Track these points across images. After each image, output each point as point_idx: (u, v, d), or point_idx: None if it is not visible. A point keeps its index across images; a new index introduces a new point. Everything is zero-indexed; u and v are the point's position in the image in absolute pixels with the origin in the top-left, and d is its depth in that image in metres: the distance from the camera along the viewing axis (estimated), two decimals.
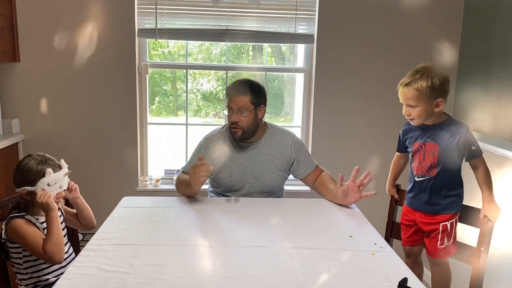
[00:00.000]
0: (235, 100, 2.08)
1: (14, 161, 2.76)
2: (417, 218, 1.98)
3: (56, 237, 1.53)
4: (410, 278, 1.30)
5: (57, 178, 1.61)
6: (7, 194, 2.59)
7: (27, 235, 1.53)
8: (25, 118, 2.83)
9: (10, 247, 1.60)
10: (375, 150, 3.01)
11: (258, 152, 2.18)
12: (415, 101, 1.81)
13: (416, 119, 1.86)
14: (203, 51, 3.45)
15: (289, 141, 2.22)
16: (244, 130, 2.10)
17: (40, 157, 1.62)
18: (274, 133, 2.23)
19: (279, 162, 2.20)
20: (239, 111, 2.08)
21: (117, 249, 1.53)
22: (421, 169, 1.92)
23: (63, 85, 2.82)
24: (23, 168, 1.59)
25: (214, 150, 2.18)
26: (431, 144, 1.88)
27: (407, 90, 1.82)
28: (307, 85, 3.03)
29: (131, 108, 2.88)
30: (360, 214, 2.01)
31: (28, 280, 1.62)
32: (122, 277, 1.33)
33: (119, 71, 2.83)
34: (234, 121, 2.08)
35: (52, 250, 1.51)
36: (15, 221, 1.55)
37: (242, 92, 2.08)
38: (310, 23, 2.91)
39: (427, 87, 1.77)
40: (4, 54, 2.62)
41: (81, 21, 2.76)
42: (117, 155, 2.92)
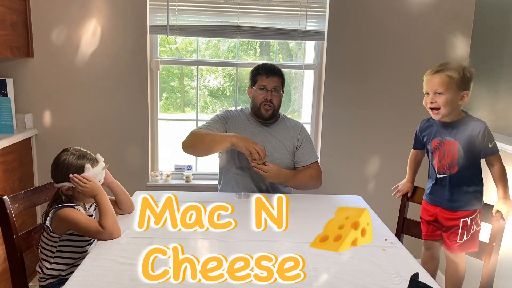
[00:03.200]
0: (272, 79, 2.24)
1: (27, 155, 2.80)
2: (438, 213, 1.98)
3: (111, 214, 1.59)
4: (422, 274, 1.31)
5: (96, 173, 1.65)
6: (20, 187, 2.64)
7: (80, 220, 1.56)
8: (38, 113, 2.87)
9: (49, 235, 1.63)
10: (386, 147, 3.01)
11: (271, 133, 2.30)
12: (444, 88, 1.81)
13: (441, 109, 1.84)
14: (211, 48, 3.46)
15: (299, 126, 2.38)
16: (275, 108, 2.27)
17: (78, 152, 1.65)
18: (287, 119, 2.40)
19: (288, 144, 2.31)
20: (275, 90, 2.24)
21: (132, 241, 1.56)
22: (442, 166, 1.93)
23: (76, 81, 2.84)
24: (63, 164, 1.62)
25: (232, 124, 2.30)
26: (450, 141, 1.88)
27: (437, 76, 1.83)
28: (317, 82, 3.04)
29: (142, 104, 2.90)
30: (370, 210, 2.02)
31: (49, 271, 1.65)
32: (137, 269, 1.35)
33: (131, 67, 2.85)
34: (269, 99, 2.22)
35: (111, 226, 1.56)
36: (65, 210, 1.58)
37: (277, 73, 2.26)
38: (320, 20, 2.91)
39: (458, 76, 1.80)
40: (18, 50, 2.65)
41: (93, 18, 2.78)
42: (129, 150, 2.94)
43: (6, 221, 1.64)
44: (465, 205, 1.90)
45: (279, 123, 2.35)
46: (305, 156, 2.31)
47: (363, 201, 2.14)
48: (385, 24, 2.89)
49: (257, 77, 2.26)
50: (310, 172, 2.29)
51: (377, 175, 3.05)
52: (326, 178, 3.03)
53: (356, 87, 2.95)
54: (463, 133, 1.85)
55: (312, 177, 2.28)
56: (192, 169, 3.08)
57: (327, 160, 3.02)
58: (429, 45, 2.90)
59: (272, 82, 2.24)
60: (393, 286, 1.32)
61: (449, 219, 1.94)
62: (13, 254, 1.67)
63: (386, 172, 3.03)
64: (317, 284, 1.31)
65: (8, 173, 2.54)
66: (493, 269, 1.81)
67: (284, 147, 2.29)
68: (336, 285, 1.32)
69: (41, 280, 1.68)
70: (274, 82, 2.24)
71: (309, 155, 2.32)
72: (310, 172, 2.29)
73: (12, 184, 2.58)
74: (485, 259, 1.84)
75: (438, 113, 1.86)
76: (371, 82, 2.95)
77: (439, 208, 1.97)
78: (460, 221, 1.90)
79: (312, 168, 2.31)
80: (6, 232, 1.65)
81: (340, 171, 3.04)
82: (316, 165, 2.33)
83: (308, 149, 2.33)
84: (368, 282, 1.34)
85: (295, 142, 2.31)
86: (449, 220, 1.94)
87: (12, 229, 1.64)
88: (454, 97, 1.81)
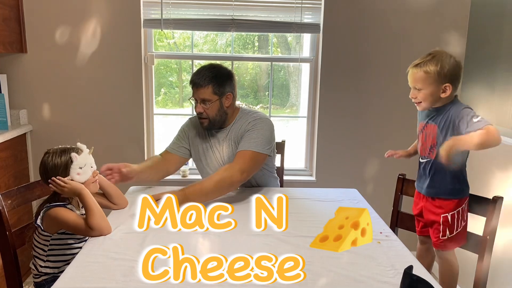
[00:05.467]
0: (197, 91, 2.03)
1: (22, 151, 2.78)
2: (423, 204, 1.97)
3: (96, 210, 1.57)
4: (416, 266, 1.30)
5: (84, 158, 1.64)
6: (15, 184, 2.62)
7: (69, 218, 1.56)
8: (33, 109, 2.85)
9: (40, 234, 1.63)
10: (382, 140, 3.00)
11: (227, 137, 2.14)
12: (421, 84, 1.80)
13: (422, 103, 1.83)
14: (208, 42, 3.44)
15: (251, 118, 2.11)
16: (210, 120, 2.06)
17: (58, 149, 1.64)
18: (245, 116, 2.14)
19: (232, 145, 2.12)
20: (203, 103, 2.03)
21: (125, 237, 1.55)
22: (424, 150, 1.92)
23: (70, 76, 2.83)
24: (50, 165, 1.60)
25: (192, 135, 2.20)
26: (431, 125, 1.87)
27: (415, 71, 1.81)
28: (313, 75, 3.02)
29: (137, 98, 2.89)
30: (365, 202, 2.02)
31: (44, 268, 1.64)
32: (130, 264, 1.35)
33: (126, 61, 2.84)
34: (199, 112, 2.05)
35: (98, 223, 1.55)
36: (56, 209, 1.58)
37: (203, 84, 2.00)
38: (316, 12, 2.89)
39: (435, 71, 1.76)
40: (11, 45, 2.63)
41: (87, 12, 2.76)
42: (124, 145, 2.93)
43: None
44: (442, 192, 1.87)
45: (234, 123, 2.14)
46: (241, 143, 2.04)
47: (359, 194, 2.14)
48: (381, 16, 2.87)
49: (191, 86, 2.07)
50: (218, 174, 1.91)
51: (373, 168, 3.04)
52: (322, 171, 3.04)
53: (352, 79, 2.94)
54: (443, 117, 1.81)
55: (224, 173, 1.91)
56: (189, 164, 3.07)
57: (323, 153, 3.01)
58: (425, 37, 2.89)
59: (199, 94, 2.02)
60: (388, 279, 1.31)
61: (430, 212, 1.92)
62: (6, 251, 1.66)
63: (382, 165, 3.02)
64: (310, 279, 1.31)
65: (3, 170, 2.53)
66: (487, 263, 1.80)
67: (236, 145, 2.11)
68: (331, 278, 1.31)
69: (35, 277, 1.67)
70: (200, 95, 2.01)
71: (244, 142, 2.03)
72: (218, 174, 1.91)
73: (7, 180, 2.57)
74: (479, 253, 1.82)
75: (420, 106, 1.87)
76: (366, 75, 2.93)
77: (422, 196, 1.96)
78: (441, 216, 1.87)
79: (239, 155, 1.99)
80: None
81: (336, 164, 3.03)
82: (244, 153, 1.98)
83: (246, 138, 2.04)
84: (362, 276, 1.33)
85: (239, 137, 2.09)
86: (430, 213, 1.92)
87: (5, 226, 1.63)
88: (434, 91, 1.79)
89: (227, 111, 2.10)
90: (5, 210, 1.65)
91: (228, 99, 2.07)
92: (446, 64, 1.77)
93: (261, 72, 3.35)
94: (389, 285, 1.28)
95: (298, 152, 3.19)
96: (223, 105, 2.06)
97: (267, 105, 3.18)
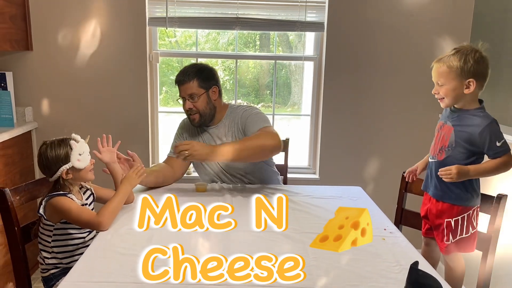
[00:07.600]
0: (183, 87, 2.09)
1: (27, 148, 2.80)
2: (430, 205, 1.94)
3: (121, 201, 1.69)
4: (421, 263, 1.31)
5: (82, 146, 1.67)
6: (21, 180, 2.64)
7: (71, 208, 1.58)
8: (38, 107, 2.87)
9: (44, 224, 1.65)
10: (386, 139, 3.01)
11: (218, 135, 2.17)
12: (444, 79, 1.75)
13: (445, 99, 1.78)
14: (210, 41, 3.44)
15: (242, 110, 2.18)
16: (201, 114, 2.11)
17: (55, 141, 1.66)
18: (235, 110, 2.21)
19: (238, 134, 2.15)
20: (191, 98, 2.09)
21: (133, 232, 1.57)
22: (434, 149, 1.89)
23: (76, 74, 2.84)
24: (50, 156, 1.63)
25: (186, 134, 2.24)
26: (448, 126, 1.82)
27: (439, 66, 1.77)
28: (317, 73, 3.03)
29: (142, 96, 2.90)
30: (369, 200, 2.03)
31: (51, 260, 1.66)
32: (138, 260, 1.36)
33: (131, 59, 2.85)
34: (188, 108, 2.10)
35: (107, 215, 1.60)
36: (57, 198, 1.61)
37: (188, 79, 2.08)
38: (320, 10, 2.90)
39: (458, 66, 1.71)
40: (17, 43, 2.65)
41: (92, 11, 2.77)
42: (128, 143, 2.92)
43: (8, 214, 1.64)
44: (447, 197, 1.83)
45: (224, 120, 2.19)
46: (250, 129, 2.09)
47: (363, 192, 2.14)
48: (385, 15, 2.87)
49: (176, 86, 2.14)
50: (259, 134, 2.03)
51: (377, 167, 3.05)
52: (325, 169, 3.05)
53: (356, 78, 2.94)
54: (464, 122, 1.77)
55: (264, 136, 2.00)
56: None
57: (326, 151, 3.02)
58: (429, 34, 2.89)
59: (185, 90, 2.09)
60: (393, 275, 1.33)
61: (435, 215, 1.89)
62: (15, 246, 1.67)
63: (386, 164, 3.03)
64: (316, 274, 1.32)
65: (9, 167, 2.55)
66: (491, 261, 1.80)
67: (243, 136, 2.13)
68: (336, 275, 1.33)
69: (43, 272, 1.69)
70: (187, 90, 2.08)
71: (252, 125, 2.09)
72: (259, 134, 2.03)
73: (13, 177, 2.59)
74: (483, 250, 1.83)
75: (443, 102, 1.81)
76: (371, 73, 2.94)
77: (429, 197, 1.93)
78: (445, 220, 1.84)
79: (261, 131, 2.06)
80: (7, 225, 1.65)
81: (340, 162, 3.04)
82: (265, 129, 2.08)
83: (251, 122, 2.11)
84: (368, 272, 1.34)
85: (240, 127, 2.14)
86: (435, 215, 1.89)
87: (13, 221, 1.65)
88: (456, 87, 1.74)
89: (215, 104, 2.15)
90: (13, 206, 1.66)
91: (214, 92, 2.14)
92: (470, 58, 1.71)
93: (262, 71, 3.36)
94: (395, 280, 1.30)
95: (301, 150, 3.20)
96: (211, 98, 2.12)
97: (268, 103, 3.19)
